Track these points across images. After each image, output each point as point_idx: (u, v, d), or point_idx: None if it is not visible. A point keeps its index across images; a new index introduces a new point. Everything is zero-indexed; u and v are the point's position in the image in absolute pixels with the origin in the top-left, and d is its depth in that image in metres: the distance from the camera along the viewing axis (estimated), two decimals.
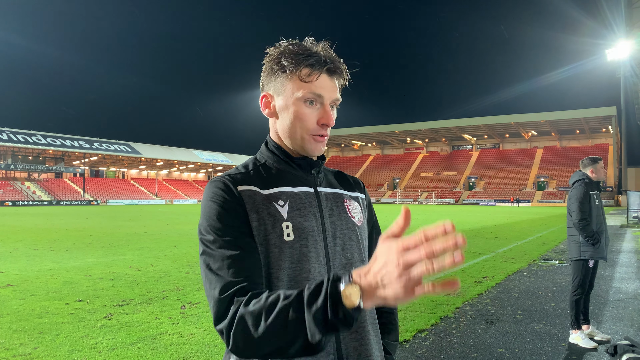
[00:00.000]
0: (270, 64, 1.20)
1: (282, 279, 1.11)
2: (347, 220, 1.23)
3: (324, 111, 1.18)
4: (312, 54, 1.16)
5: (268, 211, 1.14)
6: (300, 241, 1.13)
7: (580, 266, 4.90)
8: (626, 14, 24.48)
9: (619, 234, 18.41)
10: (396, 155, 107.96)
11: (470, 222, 25.79)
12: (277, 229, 1.12)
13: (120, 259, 10.65)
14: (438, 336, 4.98)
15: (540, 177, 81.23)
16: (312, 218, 1.18)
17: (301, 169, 1.24)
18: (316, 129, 1.18)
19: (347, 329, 0.87)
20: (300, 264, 1.12)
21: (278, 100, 1.20)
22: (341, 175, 1.38)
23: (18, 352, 4.33)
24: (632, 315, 5.93)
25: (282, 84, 1.18)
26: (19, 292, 6.95)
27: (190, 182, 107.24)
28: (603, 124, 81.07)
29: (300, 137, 1.19)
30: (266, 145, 1.28)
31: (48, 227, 20.91)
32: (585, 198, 4.85)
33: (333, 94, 1.19)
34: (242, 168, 1.23)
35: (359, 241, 1.24)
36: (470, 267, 9.51)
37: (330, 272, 1.15)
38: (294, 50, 1.17)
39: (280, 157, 1.24)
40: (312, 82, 1.16)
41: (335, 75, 1.19)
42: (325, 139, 1.22)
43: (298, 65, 1.16)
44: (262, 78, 1.25)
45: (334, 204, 1.24)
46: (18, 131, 73.62)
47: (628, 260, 10.82)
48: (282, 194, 1.17)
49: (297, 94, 1.16)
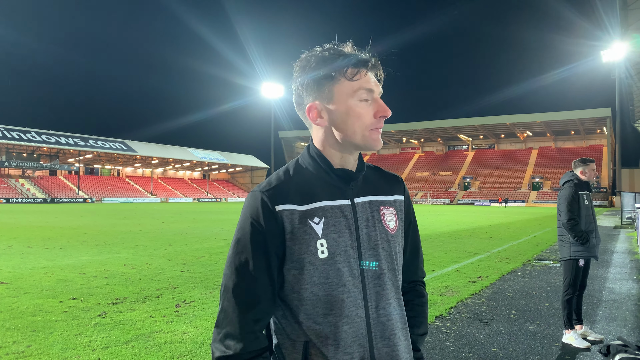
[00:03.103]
0: (309, 75, 1.22)
1: (318, 294, 1.17)
2: (381, 230, 1.27)
3: (378, 104, 1.23)
4: (348, 55, 1.21)
5: (304, 229, 1.19)
6: (334, 257, 1.19)
7: (571, 266, 4.93)
8: (621, 15, 24.59)
9: (612, 234, 18.50)
10: (392, 155, 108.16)
11: (465, 222, 25.86)
12: (311, 247, 1.17)
13: (114, 257, 10.61)
14: (432, 335, 4.99)
15: (535, 178, 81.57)
16: (347, 232, 1.21)
17: (340, 180, 1.26)
18: (375, 122, 1.22)
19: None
20: (335, 279, 1.18)
21: (330, 107, 1.22)
22: (380, 174, 1.38)
23: (11, 350, 4.31)
24: (625, 316, 5.96)
25: (329, 90, 1.21)
26: (12, 290, 6.91)
27: (186, 180, 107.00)
28: (598, 125, 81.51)
29: (361, 135, 1.21)
30: (308, 151, 1.30)
31: (42, 225, 20.81)
32: (574, 198, 4.89)
33: (378, 88, 1.24)
34: (282, 175, 1.26)
35: (391, 250, 1.28)
36: (465, 267, 9.54)
37: (365, 282, 1.21)
38: (329, 56, 1.21)
39: (322, 165, 1.26)
40: (360, 80, 1.20)
41: (375, 70, 1.24)
42: (381, 131, 1.25)
43: (342, 68, 1.19)
44: (298, 91, 1.26)
45: (369, 214, 1.26)
46: (12, 128, 73.21)
47: (621, 261, 10.88)
48: (318, 210, 1.21)
49: (350, 95, 1.20)
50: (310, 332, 1.17)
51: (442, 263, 10.03)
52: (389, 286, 1.25)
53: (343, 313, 1.17)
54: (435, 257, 10.89)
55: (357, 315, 1.18)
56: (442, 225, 22.34)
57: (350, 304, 1.18)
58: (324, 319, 1.16)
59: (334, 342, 1.16)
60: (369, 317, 1.20)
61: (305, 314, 1.17)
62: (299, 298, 1.18)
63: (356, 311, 1.18)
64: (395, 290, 1.27)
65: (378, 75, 1.25)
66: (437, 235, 17.07)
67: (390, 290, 1.25)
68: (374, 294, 1.21)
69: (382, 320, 1.22)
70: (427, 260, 10.32)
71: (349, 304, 1.18)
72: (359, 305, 1.19)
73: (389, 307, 1.23)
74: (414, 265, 1.44)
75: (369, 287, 1.21)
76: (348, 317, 1.17)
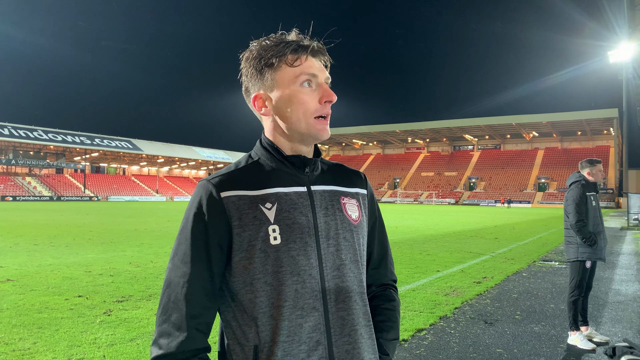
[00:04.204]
0: (252, 64, 1.20)
1: (272, 283, 1.10)
2: (342, 220, 1.20)
3: (322, 89, 1.18)
4: (290, 42, 1.17)
5: (254, 214, 1.12)
6: (288, 244, 1.11)
7: (578, 267, 4.91)
8: (629, 15, 24.45)
9: (619, 236, 18.39)
10: (397, 155, 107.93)
11: (470, 222, 25.78)
12: (262, 232, 1.11)
13: (120, 255, 10.66)
14: (437, 336, 4.99)
15: (541, 178, 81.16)
16: (303, 219, 1.15)
17: (294, 167, 1.21)
18: (320, 108, 1.17)
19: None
20: (289, 267, 1.10)
21: (273, 95, 1.18)
22: (340, 168, 1.32)
23: (17, 347, 4.34)
24: (631, 317, 5.93)
25: (271, 78, 1.18)
26: (18, 287, 6.96)
27: (191, 179, 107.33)
28: (605, 125, 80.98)
29: (305, 123, 1.17)
30: (260, 143, 1.26)
31: (48, 223, 20.94)
32: (582, 199, 4.86)
33: (324, 73, 1.20)
34: (233, 166, 1.22)
35: (354, 241, 1.21)
36: (470, 268, 9.51)
37: (323, 273, 1.14)
38: (271, 44, 1.18)
39: (274, 154, 1.21)
40: (301, 65, 1.16)
41: (319, 55, 1.20)
42: (328, 119, 1.20)
43: (282, 54, 1.16)
44: (244, 82, 1.23)
45: (329, 202, 1.20)
46: (19, 126, 73.63)
47: (628, 263, 10.82)
48: (271, 196, 1.15)
49: (292, 81, 1.16)
50: (263, 328, 1.09)
51: (447, 263, 10.01)
52: (351, 278, 1.17)
53: (298, 305, 1.09)
54: (440, 258, 10.86)
55: (314, 307, 1.11)
56: (447, 226, 22.29)
57: (307, 296, 1.10)
58: (277, 312, 1.08)
59: (287, 338, 1.08)
60: (327, 310, 1.12)
61: (259, 308, 1.09)
62: (252, 290, 1.10)
63: (313, 303, 1.11)
64: (358, 283, 1.19)
65: (324, 61, 1.21)
66: (442, 235, 17.03)
67: (352, 282, 1.17)
68: (334, 286, 1.14)
69: (342, 315, 1.14)
70: (432, 261, 10.31)
71: (305, 295, 1.10)
72: (316, 297, 1.11)
73: (350, 301, 1.16)
74: (383, 267, 1.36)
75: (327, 278, 1.13)
76: (303, 309, 1.10)
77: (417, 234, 17.51)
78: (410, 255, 11.26)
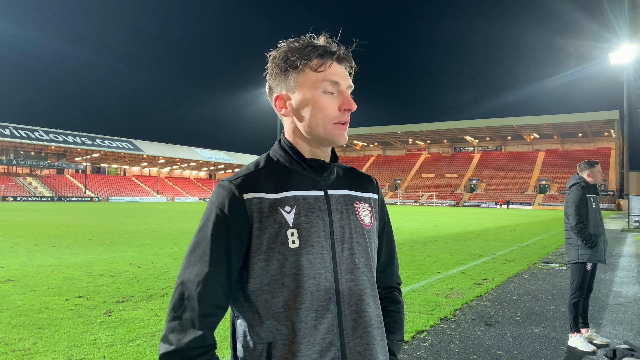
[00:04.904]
0: (277, 64, 1.21)
1: (289, 285, 1.12)
2: (356, 224, 1.22)
3: (343, 97, 1.19)
4: (318, 46, 1.18)
5: (274, 217, 1.14)
6: (305, 247, 1.13)
7: (578, 269, 4.90)
8: (630, 17, 24.46)
9: (619, 238, 18.37)
10: (398, 156, 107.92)
11: (471, 224, 25.77)
12: (281, 236, 1.12)
13: (120, 255, 10.66)
14: (437, 337, 4.98)
15: (541, 180, 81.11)
16: (320, 223, 1.17)
17: (312, 170, 1.22)
18: (339, 115, 1.19)
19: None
20: (306, 271, 1.12)
21: (294, 97, 1.20)
22: (354, 173, 1.34)
23: (17, 347, 4.34)
24: (632, 320, 5.92)
25: (295, 80, 1.19)
26: (19, 288, 6.96)
27: (192, 180, 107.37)
28: (605, 127, 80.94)
29: (323, 128, 1.18)
30: (279, 143, 1.27)
31: (49, 223, 20.95)
32: (582, 201, 4.86)
33: (347, 80, 1.21)
34: (253, 167, 1.23)
35: (367, 245, 1.24)
36: (470, 269, 9.50)
37: (337, 276, 1.16)
38: (298, 46, 1.18)
39: (293, 156, 1.22)
40: (325, 72, 1.17)
41: (345, 62, 1.21)
42: (347, 126, 1.21)
43: (308, 58, 1.17)
44: (269, 81, 1.25)
45: (344, 207, 1.22)
46: (20, 127, 73.72)
47: (628, 265, 10.80)
48: (290, 199, 1.16)
49: (314, 86, 1.17)
50: (278, 328, 1.11)
51: (447, 265, 10.00)
52: (364, 281, 1.20)
53: (313, 307, 1.11)
54: (440, 259, 10.86)
55: (328, 309, 1.13)
56: (447, 227, 22.28)
57: (322, 298, 1.12)
58: (292, 313, 1.10)
59: (302, 339, 1.10)
60: (340, 312, 1.14)
61: (275, 309, 1.11)
62: (268, 291, 1.12)
63: (327, 306, 1.13)
64: (370, 286, 1.22)
65: (349, 69, 1.22)
66: (443, 237, 17.03)
67: (365, 285, 1.20)
68: (347, 289, 1.16)
69: (355, 317, 1.16)
70: (432, 262, 10.31)
71: (320, 297, 1.12)
72: (330, 300, 1.14)
73: (363, 304, 1.18)
74: (389, 270, 1.40)
75: (341, 281, 1.16)
76: (318, 311, 1.12)
77: (417, 235, 17.51)
78: (411, 256, 11.25)
